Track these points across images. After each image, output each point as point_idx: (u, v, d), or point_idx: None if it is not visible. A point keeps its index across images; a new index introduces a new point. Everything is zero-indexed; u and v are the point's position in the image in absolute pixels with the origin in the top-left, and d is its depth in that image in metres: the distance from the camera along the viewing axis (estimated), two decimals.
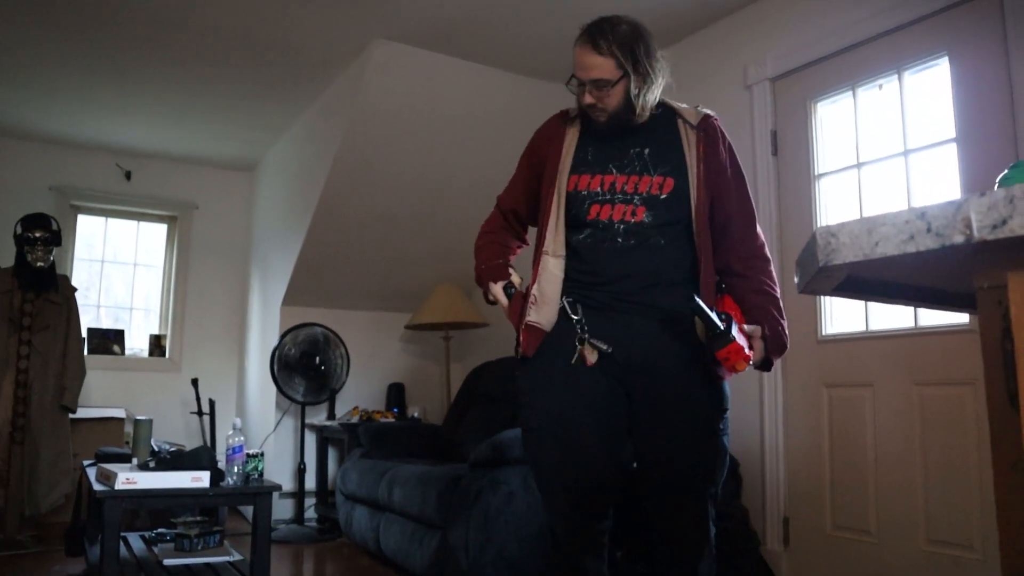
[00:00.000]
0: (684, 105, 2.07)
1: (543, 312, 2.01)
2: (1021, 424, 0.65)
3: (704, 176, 1.95)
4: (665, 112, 2.04)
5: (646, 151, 1.99)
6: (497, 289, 2.12)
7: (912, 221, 0.71)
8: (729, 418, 2.02)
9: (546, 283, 2.01)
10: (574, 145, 2.06)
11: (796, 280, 0.99)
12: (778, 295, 2.01)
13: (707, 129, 2.00)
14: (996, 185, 1.19)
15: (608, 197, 1.98)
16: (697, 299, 1.81)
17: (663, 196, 1.96)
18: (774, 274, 2.04)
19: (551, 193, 2.04)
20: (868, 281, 1.00)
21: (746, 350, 1.86)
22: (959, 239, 0.67)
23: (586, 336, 1.95)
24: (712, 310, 1.82)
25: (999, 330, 0.69)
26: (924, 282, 1.00)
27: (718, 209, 1.99)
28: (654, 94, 1.97)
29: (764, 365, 1.98)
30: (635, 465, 2.12)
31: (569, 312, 1.98)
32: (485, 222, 2.30)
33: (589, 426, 1.96)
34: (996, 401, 0.70)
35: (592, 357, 1.95)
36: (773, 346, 1.95)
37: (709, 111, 2.06)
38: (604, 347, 1.93)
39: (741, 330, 1.87)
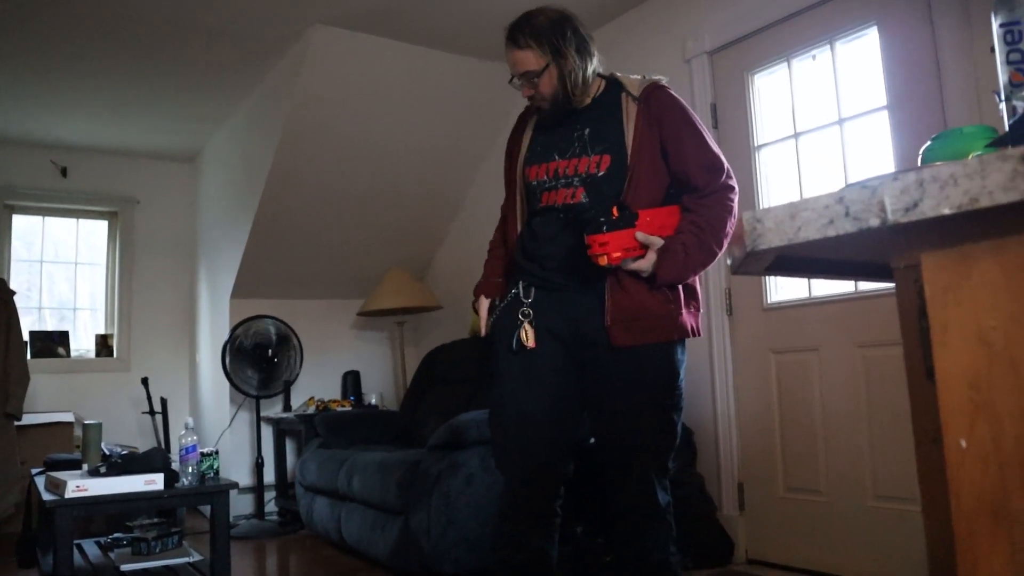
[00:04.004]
0: (634, 76, 2.11)
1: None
2: (938, 397, 0.68)
3: (640, 144, 1.98)
4: (612, 88, 2.09)
5: (586, 132, 2.05)
6: (482, 304, 2.23)
7: (831, 206, 0.73)
8: (683, 392, 2.05)
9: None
10: (528, 138, 2.18)
11: (729, 262, 1.01)
12: (710, 233, 1.93)
13: (648, 98, 2.03)
14: (919, 157, 1.22)
15: (553, 183, 2.07)
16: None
17: (601, 173, 2.00)
18: (725, 218, 1.96)
19: (515, 186, 2.19)
20: (798, 259, 1.02)
21: (617, 252, 1.84)
22: (875, 222, 0.69)
23: (522, 320, 2.04)
24: (623, 208, 1.87)
25: (916, 308, 0.72)
26: (851, 258, 1.03)
27: (675, 165, 2.00)
28: (582, 76, 2.03)
29: (651, 279, 1.93)
30: (592, 440, 2.18)
31: (522, 296, 2.07)
32: (494, 232, 2.38)
33: (543, 404, 2.03)
34: (915, 376, 0.73)
35: (530, 340, 2.03)
36: (665, 266, 1.90)
37: (657, 77, 2.09)
38: (527, 342, 2.03)
39: (630, 233, 1.85)
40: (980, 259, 0.67)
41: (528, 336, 2.03)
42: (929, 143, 1.24)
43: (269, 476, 4.85)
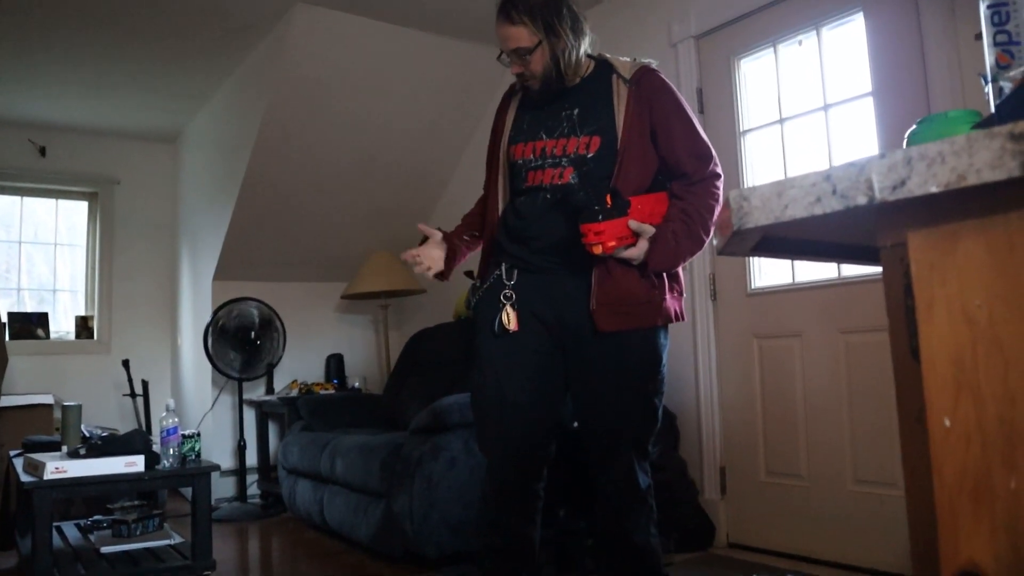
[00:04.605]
0: (625, 59, 2.08)
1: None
2: (922, 375, 0.68)
3: (631, 127, 1.97)
4: (601, 70, 2.07)
5: (575, 112, 2.03)
6: (432, 232, 2.20)
7: (819, 184, 0.72)
8: (665, 377, 2.06)
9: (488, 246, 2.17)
10: (513, 116, 2.15)
11: (714, 243, 1.01)
12: (698, 221, 1.92)
13: (640, 81, 2.01)
14: (905, 141, 1.22)
15: (540, 163, 2.05)
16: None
17: (590, 155, 1.99)
18: (712, 206, 1.96)
19: (496, 165, 2.16)
20: (784, 240, 1.02)
21: (611, 241, 1.84)
22: (862, 200, 0.68)
23: (504, 303, 2.03)
24: (614, 195, 1.85)
25: (901, 287, 0.71)
26: (836, 239, 1.03)
27: (664, 150, 1.99)
28: (575, 55, 2.00)
29: (641, 267, 1.94)
30: (575, 424, 2.18)
31: (504, 278, 2.04)
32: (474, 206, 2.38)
33: (525, 387, 2.03)
34: (900, 354, 0.73)
35: (512, 323, 2.02)
36: (656, 254, 1.90)
37: (648, 61, 2.07)
38: (509, 325, 2.02)
39: (623, 221, 1.85)
40: (966, 237, 0.67)
41: (510, 319, 2.02)
42: (914, 127, 1.24)
43: (251, 459, 4.83)
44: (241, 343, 4.78)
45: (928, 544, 0.69)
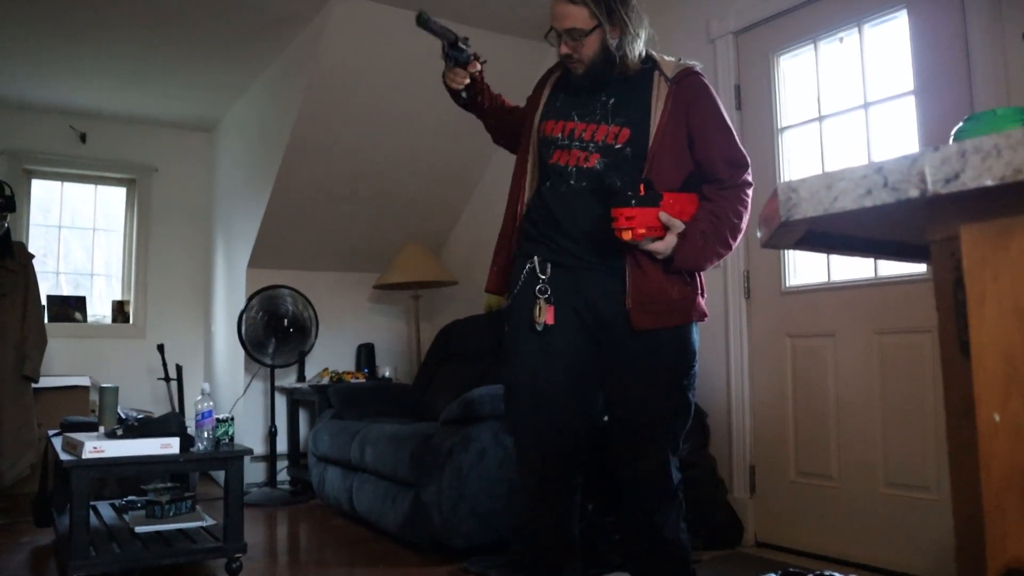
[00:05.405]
0: (669, 58, 2.06)
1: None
2: (972, 371, 0.67)
3: (665, 126, 1.95)
4: (645, 64, 2.04)
5: (611, 101, 2.01)
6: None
7: (869, 176, 0.72)
8: (696, 373, 2.06)
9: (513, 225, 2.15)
10: (548, 93, 2.13)
11: (759, 235, 1.01)
12: (727, 225, 1.94)
13: (681, 81, 2.00)
14: (951, 138, 1.20)
15: (566, 143, 2.03)
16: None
17: (618, 146, 1.98)
18: (742, 212, 1.97)
19: (528, 140, 2.12)
20: (828, 234, 1.01)
21: (641, 229, 1.84)
22: (914, 193, 0.68)
23: (538, 297, 2.01)
24: (647, 186, 1.86)
25: (951, 281, 0.71)
26: (882, 235, 1.02)
27: (700, 156, 1.99)
28: (635, 47, 1.97)
29: (667, 263, 1.93)
30: (605, 419, 2.17)
31: (538, 271, 2.03)
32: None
33: (560, 382, 2.02)
34: (949, 349, 0.73)
35: (546, 317, 2.00)
36: (683, 251, 1.90)
37: (693, 63, 2.05)
38: (545, 319, 1.99)
39: (654, 212, 1.85)
40: (1019, 232, 0.66)
41: (544, 313, 2.01)
42: (961, 124, 1.23)
43: (282, 445, 4.89)
44: (274, 330, 4.83)
45: (974, 541, 0.69)
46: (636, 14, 1.96)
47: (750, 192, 2.01)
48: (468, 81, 2.16)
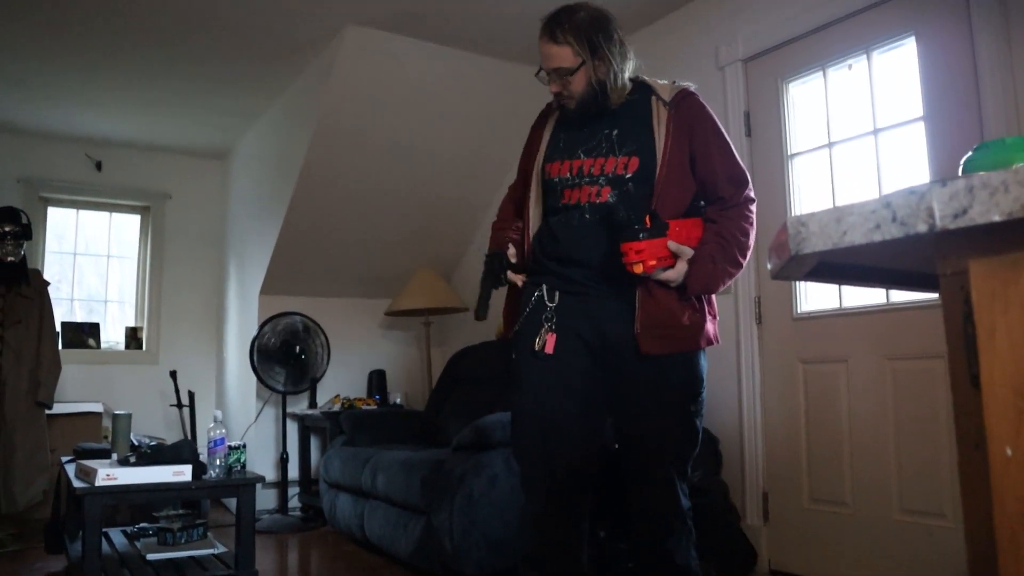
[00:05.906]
0: (663, 81, 2.09)
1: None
2: (982, 403, 0.68)
3: (671, 150, 1.97)
4: (641, 91, 2.07)
5: (614, 132, 2.04)
6: (511, 251, 2.18)
7: (878, 211, 0.73)
8: (704, 399, 2.06)
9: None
10: (549, 134, 2.15)
11: (769, 267, 1.01)
12: (735, 244, 1.96)
13: (679, 103, 2.02)
14: (960, 168, 1.21)
15: (576, 181, 2.05)
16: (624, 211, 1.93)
17: (628, 175, 1.99)
18: (747, 229, 1.99)
19: (530, 181, 2.15)
20: (839, 266, 1.02)
21: (652, 260, 1.86)
22: (923, 228, 0.69)
23: (545, 324, 2.02)
24: (653, 217, 1.87)
25: (961, 314, 0.72)
26: (892, 266, 1.03)
27: (703, 175, 2.01)
28: (620, 79, 2.01)
29: (679, 290, 1.95)
30: (616, 446, 2.17)
31: (546, 299, 2.04)
32: (499, 210, 2.43)
33: (568, 409, 2.02)
34: (959, 382, 0.73)
35: (547, 346, 2.01)
36: (695, 276, 1.93)
37: (687, 84, 2.08)
38: (546, 348, 2.01)
39: (662, 242, 1.87)
40: None
41: (546, 342, 2.01)
42: (970, 154, 1.23)
43: (293, 472, 4.89)
44: (286, 357, 4.85)
45: (987, 572, 0.69)
46: (618, 47, 2.00)
47: (753, 208, 2.04)
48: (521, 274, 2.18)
